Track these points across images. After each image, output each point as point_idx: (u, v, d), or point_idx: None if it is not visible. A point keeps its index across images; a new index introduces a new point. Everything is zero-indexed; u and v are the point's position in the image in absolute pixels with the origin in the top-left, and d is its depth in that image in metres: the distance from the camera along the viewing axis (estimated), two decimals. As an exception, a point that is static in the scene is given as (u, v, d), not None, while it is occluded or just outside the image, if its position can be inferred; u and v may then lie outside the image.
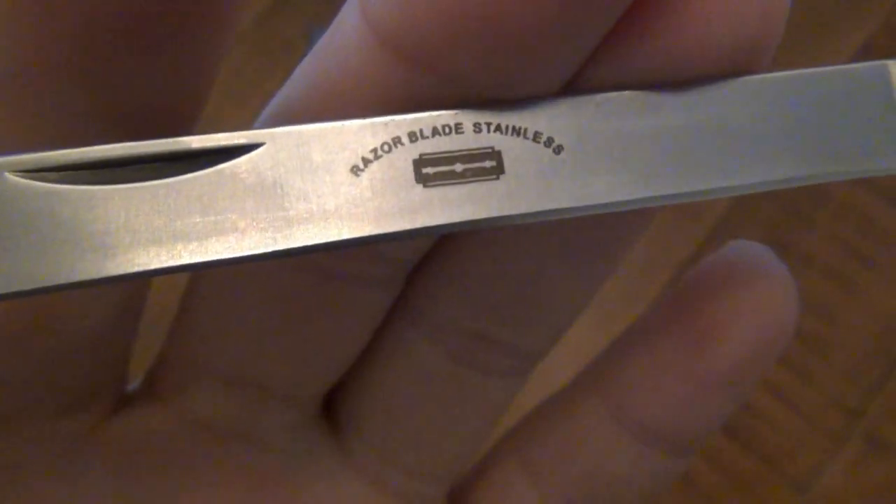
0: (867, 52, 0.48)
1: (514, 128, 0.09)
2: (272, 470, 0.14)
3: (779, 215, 0.46)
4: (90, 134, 0.09)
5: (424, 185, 0.09)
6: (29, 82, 0.08)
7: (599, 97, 0.09)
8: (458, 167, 0.09)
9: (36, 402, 0.12)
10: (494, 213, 0.09)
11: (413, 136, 0.09)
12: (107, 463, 0.13)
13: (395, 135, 0.09)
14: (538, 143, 0.09)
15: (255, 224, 0.09)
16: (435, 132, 0.09)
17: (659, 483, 0.14)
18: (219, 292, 0.13)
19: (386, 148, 0.09)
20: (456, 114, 0.09)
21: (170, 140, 0.09)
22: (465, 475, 0.16)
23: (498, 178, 0.09)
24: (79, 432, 0.13)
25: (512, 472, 0.15)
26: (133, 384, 0.14)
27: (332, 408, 0.15)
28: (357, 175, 0.09)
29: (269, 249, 0.09)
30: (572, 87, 0.10)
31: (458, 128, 0.09)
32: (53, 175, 0.08)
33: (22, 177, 0.08)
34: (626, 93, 0.09)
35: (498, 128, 0.09)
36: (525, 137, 0.09)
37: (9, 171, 0.08)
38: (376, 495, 0.14)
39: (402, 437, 0.14)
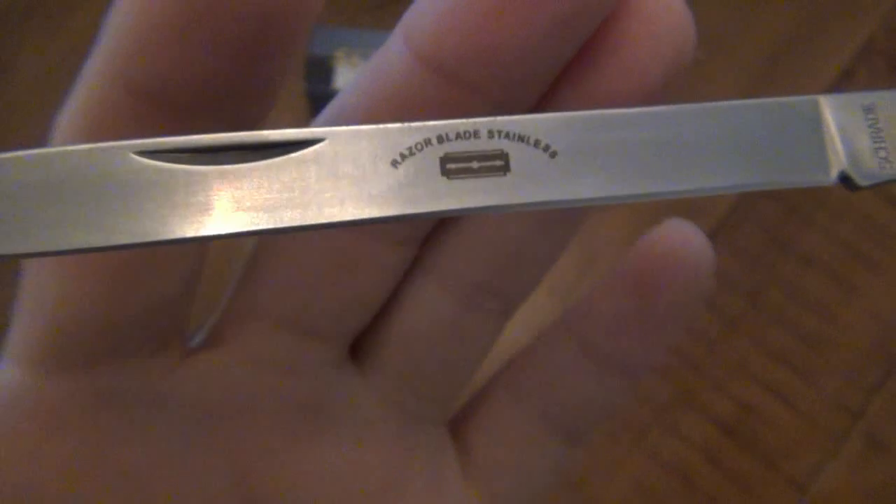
0: (867, 51, 0.49)
1: (519, 135, 0.12)
2: (315, 397, 0.18)
3: (779, 215, 0.47)
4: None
5: (448, 178, 0.12)
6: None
7: (586, 114, 0.12)
8: (475, 164, 0.12)
9: (136, 341, 0.15)
10: (501, 202, 0.12)
11: (441, 139, 0.12)
12: (180, 401, 0.16)
13: (426, 137, 0.12)
14: (538, 148, 0.12)
15: (316, 200, 0.11)
16: (458, 136, 0.12)
17: (619, 400, 0.19)
18: (281, 250, 0.16)
19: (419, 147, 0.12)
20: (475, 122, 0.12)
21: (254, 133, 0.12)
22: (463, 404, 0.20)
23: (505, 175, 0.12)
24: (160, 373, 0.16)
25: (501, 398, 0.19)
26: (193, 340, 0.17)
27: (355, 346, 0.18)
28: (395, 167, 0.12)
29: (326, 221, 0.12)
30: (567, 106, 0.13)
31: (476, 133, 0.12)
32: (166, 156, 0.11)
33: (143, 157, 0.11)
34: (608, 111, 0.12)
35: (507, 135, 0.12)
36: (528, 143, 0.12)
37: (132, 152, 0.11)
38: (392, 414, 0.18)
39: (414, 368, 0.18)
